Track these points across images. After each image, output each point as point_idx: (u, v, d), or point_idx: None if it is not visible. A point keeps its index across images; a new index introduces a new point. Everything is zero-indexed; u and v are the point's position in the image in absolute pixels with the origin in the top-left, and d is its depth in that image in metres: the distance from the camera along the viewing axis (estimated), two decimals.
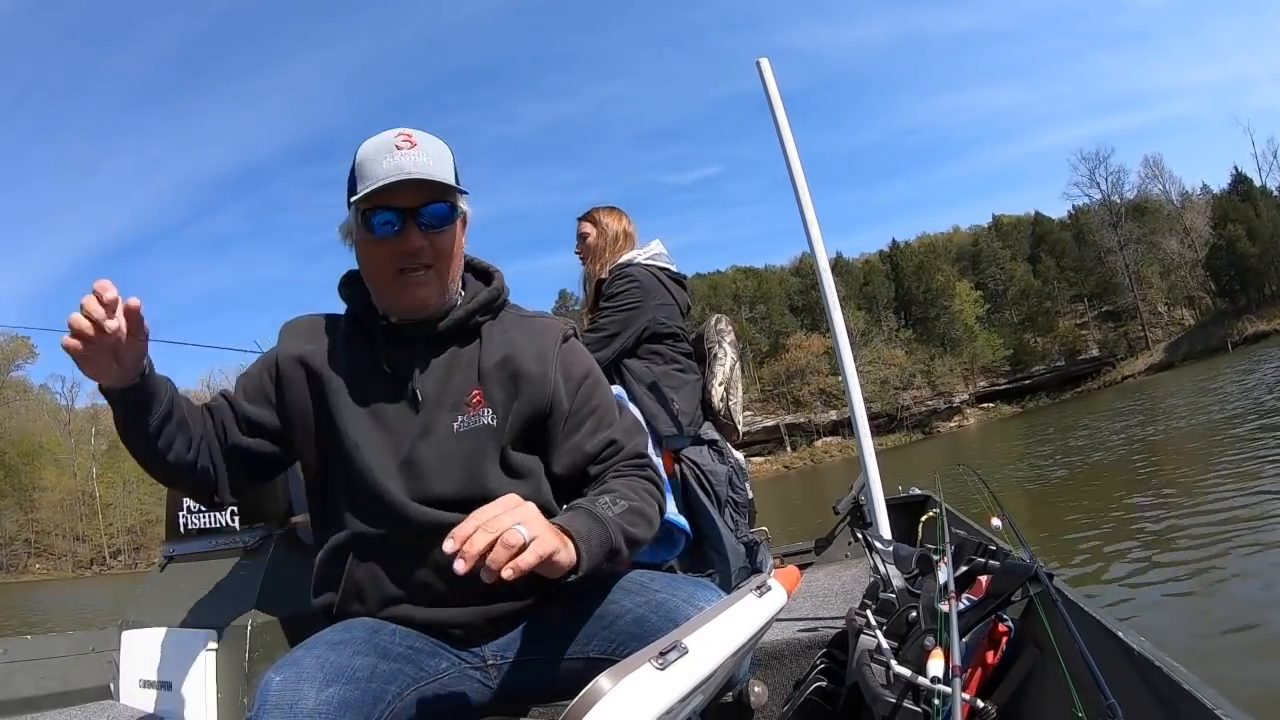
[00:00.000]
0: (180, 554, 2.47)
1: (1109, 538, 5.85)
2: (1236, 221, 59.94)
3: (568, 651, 1.23)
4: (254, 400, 1.33)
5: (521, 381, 1.32)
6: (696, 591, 1.23)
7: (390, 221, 1.24)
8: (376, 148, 1.24)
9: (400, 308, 1.31)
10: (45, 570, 57.96)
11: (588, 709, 0.78)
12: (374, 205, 1.23)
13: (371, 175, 1.22)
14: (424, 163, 1.23)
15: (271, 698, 0.99)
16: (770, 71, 2.93)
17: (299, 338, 1.36)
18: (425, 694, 1.14)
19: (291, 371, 1.32)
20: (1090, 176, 70.60)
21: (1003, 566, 1.51)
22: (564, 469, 1.34)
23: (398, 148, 1.23)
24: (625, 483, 1.28)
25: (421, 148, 1.25)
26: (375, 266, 1.29)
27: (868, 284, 74.22)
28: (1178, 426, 13.62)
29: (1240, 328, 55.26)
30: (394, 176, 1.20)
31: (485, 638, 1.26)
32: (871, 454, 2.70)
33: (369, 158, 1.24)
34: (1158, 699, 1.02)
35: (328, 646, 1.08)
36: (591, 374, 1.41)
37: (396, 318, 1.32)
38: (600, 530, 1.10)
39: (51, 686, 2.29)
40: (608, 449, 1.34)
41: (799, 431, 68.78)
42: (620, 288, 2.63)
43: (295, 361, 1.33)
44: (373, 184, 1.20)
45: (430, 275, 1.28)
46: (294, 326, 1.39)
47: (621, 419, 1.40)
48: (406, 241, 1.25)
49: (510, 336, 1.36)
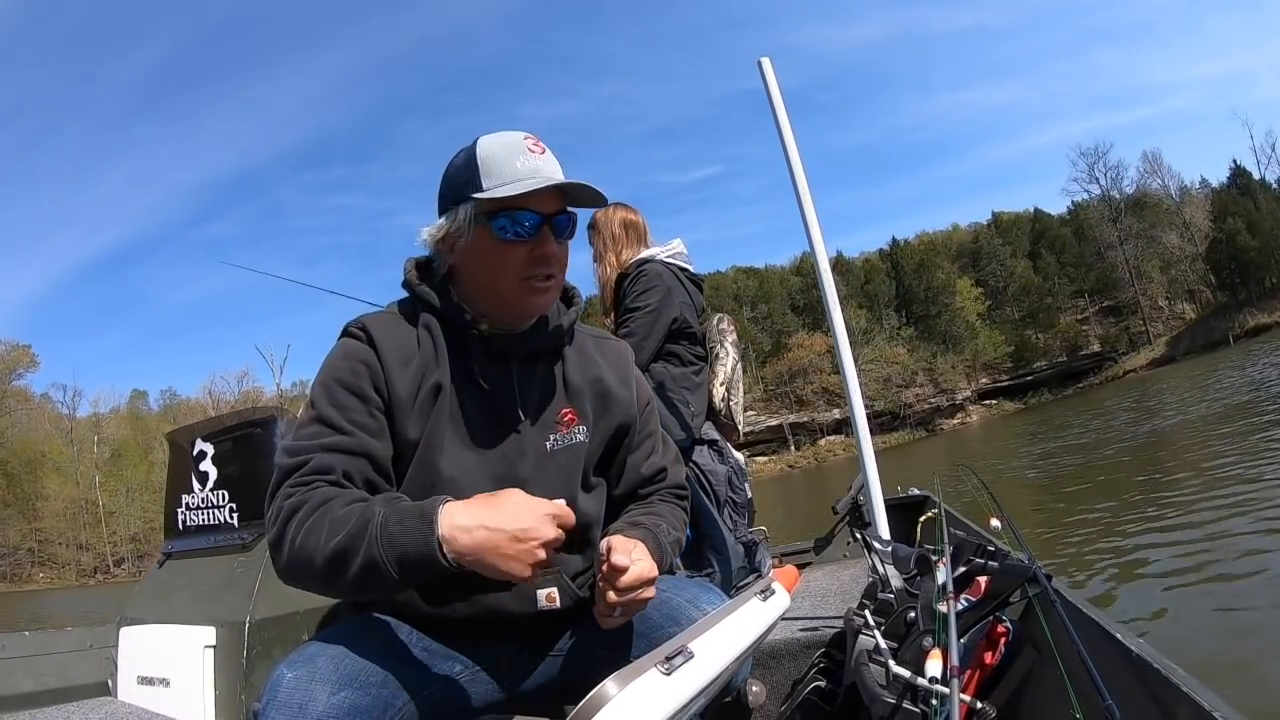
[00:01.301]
0: (179, 550, 2.47)
1: (1112, 537, 5.84)
2: (1236, 215, 59.83)
3: (575, 652, 1.25)
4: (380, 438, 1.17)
5: (611, 402, 1.33)
6: (700, 593, 1.26)
7: (528, 225, 1.19)
8: (505, 147, 1.20)
9: (517, 315, 1.25)
10: (49, 579, 57.79)
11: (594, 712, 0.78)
12: (510, 206, 1.18)
13: (508, 174, 1.18)
14: (556, 170, 1.22)
15: (282, 694, 0.97)
16: (772, 71, 2.92)
17: (394, 344, 1.21)
18: (437, 697, 1.13)
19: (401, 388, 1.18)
20: (1090, 172, 70.52)
21: (1001, 567, 1.50)
22: (621, 488, 1.38)
23: (530, 150, 1.20)
24: (670, 510, 1.36)
25: (549, 154, 1.23)
26: (498, 270, 1.21)
27: (869, 282, 74.13)
28: (1180, 420, 13.61)
29: (1241, 321, 55.19)
30: (536, 179, 1.17)
31: (503, 641, 1.25)
32: (870, 454, 2.69)
33: (498, 155, 1.19)
34: (1155, 700, 1.02)
35: (343, 648, 1.06)
36: (653, 399, 1.47)
37: (490, 326, 1.25)
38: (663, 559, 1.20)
39: (50, 682, 2.29)
40: (659, 474, 1.40)
41: (802, 431, 68.79)
42: (643, 285, 2.57)
43: (401, 376, 1.19)
44: (514, 183, 1.16)
45: (552, 284, 1.25)
46: (383, 330, 1.22)
47: (667, 448, 1.45)
48: (544, 246, 1.21)
49: (591, 355, 1.36)
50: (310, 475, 1.09)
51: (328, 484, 1.09)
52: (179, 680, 2.12)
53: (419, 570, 0.99)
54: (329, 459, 1.10)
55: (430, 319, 1.25)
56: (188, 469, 2.50)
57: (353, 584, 1.01)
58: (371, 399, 1.16)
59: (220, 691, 2.05)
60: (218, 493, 2.40)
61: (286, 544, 1.05)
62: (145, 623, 2.29)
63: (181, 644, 2.13)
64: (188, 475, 2.49)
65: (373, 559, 0.98)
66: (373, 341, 1.19)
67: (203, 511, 2.42)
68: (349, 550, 1.00)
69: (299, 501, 1.06)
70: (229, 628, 2.08)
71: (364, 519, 1.01)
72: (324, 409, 1.15)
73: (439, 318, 1.25)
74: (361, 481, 1.13)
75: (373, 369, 1.17)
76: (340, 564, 1.00)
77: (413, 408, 1.18)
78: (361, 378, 1.17)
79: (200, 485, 2.45)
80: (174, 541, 2.49)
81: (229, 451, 2.42)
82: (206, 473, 2.44)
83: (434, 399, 1.19)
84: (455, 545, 0.98)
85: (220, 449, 2.44)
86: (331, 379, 1.17)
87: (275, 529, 1.07)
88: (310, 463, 1.10)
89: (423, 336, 1.23)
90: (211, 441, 2.46)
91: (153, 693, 2.18)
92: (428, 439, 1.18)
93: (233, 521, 2.35)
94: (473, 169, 1.19)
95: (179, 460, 2.57)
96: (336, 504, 1.04)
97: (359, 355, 1.19)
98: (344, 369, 1.18)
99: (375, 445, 1.15)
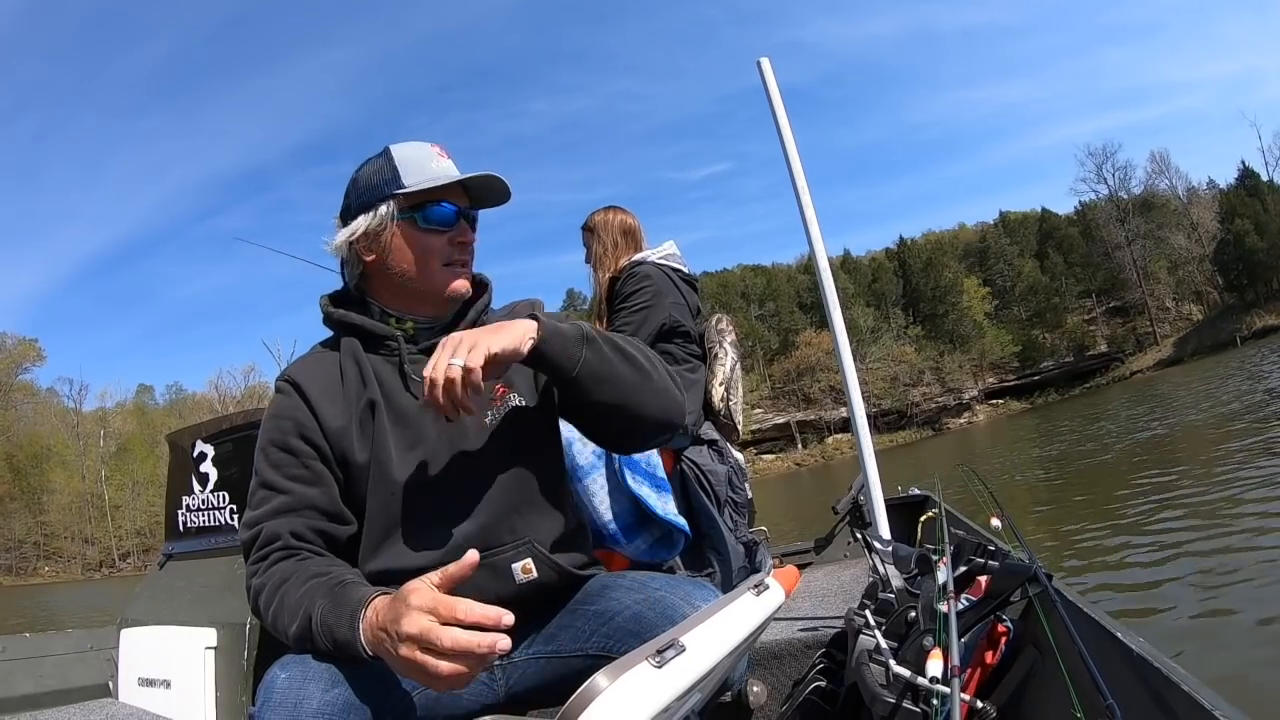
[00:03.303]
0: (179, 552, 2.47)
1: (1117, 536, 5.83)
2: (1244, 216, 59.69)
3: (568, 649, 1.24)
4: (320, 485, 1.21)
5: None
6: (694, 590, 1.25)
7: (449, 213, 1.30)
8: (417, 151, 1.32)
9: (440, 300, 1.34)
10: (54, 573, 58.11)
11: (584, 707, 0.78)
12: (431, 200, 1.29)
13: (426, 174, 1.29)
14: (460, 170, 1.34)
15: (276, 695, 0.99)
16: (771, 71, 2.92)
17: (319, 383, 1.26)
18: (432, 696, 1.13)
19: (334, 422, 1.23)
20: (1098, 172, 70.57)
21: (1002, 567, 1.49)
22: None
23: (439, 155, 1.32)
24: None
25: (452, 161, 1.34)
26: (422, 256, 1.31)
27: (876, 281, 74.26)
28: (1186, 422, 13.57)
29: (1249, 322, 55.08)
30: (452, 176, 1.30)
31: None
32: (870, 454, 2.69)
33: (414, 157, 1.31)
34: (1156, 700, 1.01)
35: None
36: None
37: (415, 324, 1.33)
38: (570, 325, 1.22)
39: (51, 684, 2.30)
40: None
41: (810, 429, 68.88)
42: (634, 286, 2.59)
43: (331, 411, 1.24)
44: (430, 179, 1.28)
45: (466, 270, 1.36)
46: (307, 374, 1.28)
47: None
48: (463, 234, 1.33)
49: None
50: (264, 548, 1.16)
51: (280, 553, 1.16)
52: (180, 682, 2.12)
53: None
54: (276, 525, 1.17)
55: (352, 342, 1.31)
56: (188, 470, 2.50)
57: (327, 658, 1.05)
58: (304, 451, 1.22)
59: (221, 693, 2.05)
60: (218, 494, 2.40)
61: (265, 622, 1.13)
62: (146, 624, 2.29)
63: (182, 645, 2.13)
64: (188, 477, 2.50)
65: (323, 650, 1.03)
66: (298, 388, 1.26)
67: (203, 513, 2.43)
68: (305, 638, 1.05)
69: (260, 584, 1.14)
70: (230, 629, 2.08)
71: (307, 614, 1.05)
72: (264, 473, 1.22)
73: (361, 335, 1.32)
74: (313, 534, 1.19)
75: (300, 420, 1.23)
76: (306, 645, 1.06)
77: (353, 433, 1.24)
78: (290, 434, 1.23)
79: (200, 487, 2.45)
80: (174, 543, 2.50)
81: (229, 453, 2.42)
82: (207, 474, 2.44)
83: (372, 416, 1.25)
84: (371, 647, 0.97)
85: (220, 450, 2.44)
86: (267, 443, 1.24)
87: (251, 602, 1.16)
88: (261, 534, 1.17)
89: (346, 363, 1.29)
90: (212, 443, 2.46)
91: (154, 694, 2.18)
92: (376, 455, 1.23)
93: (233, 523, 2.35)
94: (392, 169, 1.30)
95: (179, 462, 2.57)
96: (290, 588, 1.09)
97: (285, 411, 1.25)
98: (274, 430, 1.24)
99: (314, 495, 1.21)
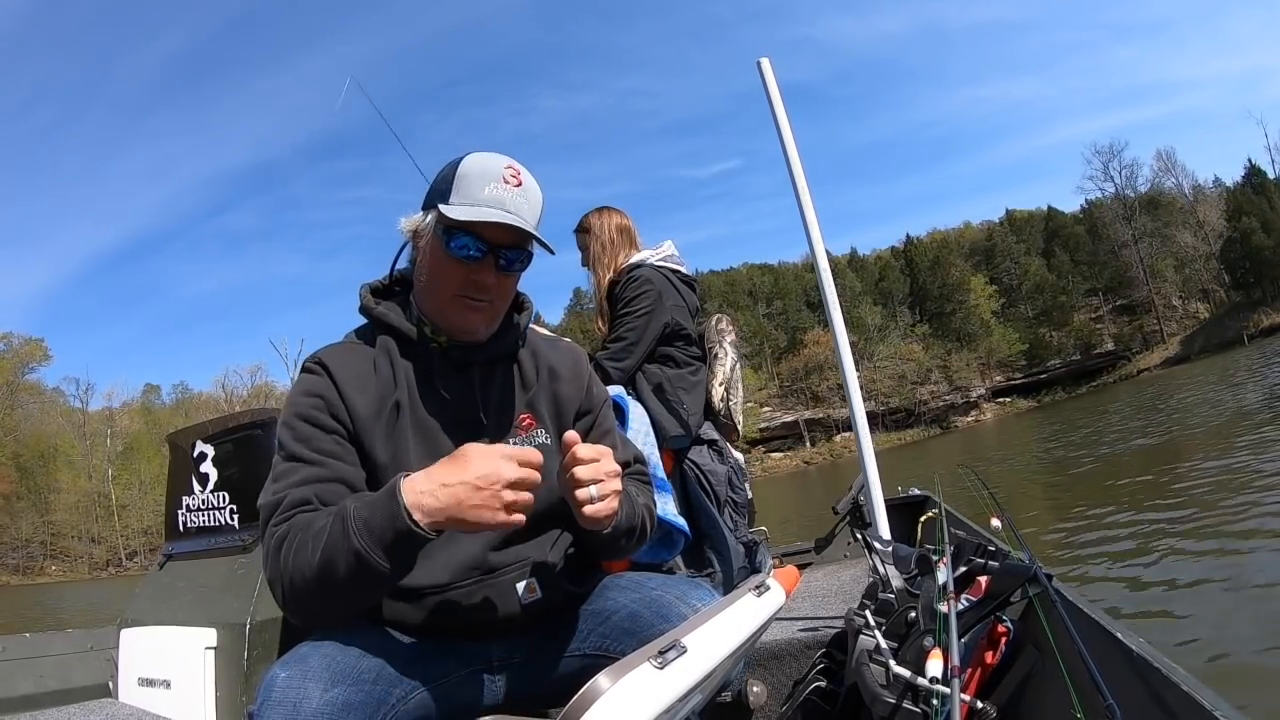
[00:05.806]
0: (179, 552, 2.48)
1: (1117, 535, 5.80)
2: (1250, 214, 59.56)
3: (566, 649, 1.25)
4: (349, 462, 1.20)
5: (564, 401, 1.37)
6: (690, 590, 1.26)
7: (472, 251, 1.22)
8: (483, 169, 1.23)
9: (448, 328, 1.28)
10: (61, 572, 58.25)
11: (586, 708, 0.78)
12: (461, 229, 1.21)
13: (470, 196, 1.21)
14: (522, 206, 1.23)
15: (275, 694, 0.99)
16: (771, 71, 2.92)
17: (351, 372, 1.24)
18: (430, 696, 1.13)
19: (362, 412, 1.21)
20: (1104, 170, 70.36)
21: (1002, 567, 1.50)
22: None
23: (505, 180, 1.22)
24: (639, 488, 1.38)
25: (525, 189, 1.24)
26: (438, 281, 1.26)
27: (883, 279, 74.20)
28: (1193, 420, 13.50)
29: (1255, 320, 54.89)
30: (494, 212, 1.20)
31: (493, 640, 1.25)
32: (870, 454, 2.69)
33: (472, 175, 1.22)
34: (1156, 700, 1.02)
35: (335, 645, 1.08)
36: (609, 399, 1.50)
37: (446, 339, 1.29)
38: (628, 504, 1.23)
39: (51, 684, 2.30)
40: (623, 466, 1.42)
41: (818, 427, 68.89)
42: (635, 291, 2.60)
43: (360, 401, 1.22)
44: (470, 207, 1.20)
45: (485, 307, 1.27)
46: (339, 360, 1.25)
47: (626, 448, 1.47)
48: (480, 274, 1.23)
49: (544, 357, 1.39)
50: (287, 510, 1.12)
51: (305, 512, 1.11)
52: (180, 682, 2.12)
53: (401, 548, 1.02)
54: (302, 491, 1.13)
55: (387, 340, 1.29)
56: (188, 471, 2.50)
57: (350, 585, 1.03)
58: (334, 428, 1.19)
59: (221, 693, 2.05)
60: (218, 494, 2.40)
61: (281, 571, 1.07)
62: (146, 624, 2.29)
63: (182, 645, 2.13)
64: (188, 477, 2.50)
65: (356, 551, 1.00)
66: (329, 373, 1.23)
67: (203, 513, 2.43)
68: (334, 553, 1.02)
69: (283, 533, 1.09)
70: (230, 629, 2.08)
71: (339, 519, 1.04)
72: (290, 446, 1.18)
73: (397, 336, 1.29)
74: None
75: (330, 400, 1.20)
76: (331, 569, 1.02)
77: (376, 430, 1.21)
78: (320, 410, 1.20)
79: (200, 487, 2.45)
80: (174, 543, 2.50)
81: (229, 453, 2.42)
82: (207, 474, 2.44)
83: (396, 418, 1.23)
84: (423, 510, 1.00)
85: (221, 450, 2.44)
86: (293, 416, 1.20)
87: (269, 565, 1.10)
88: (285, 499, 1.13)
89: (379, 359, 1.27)
90: (212, 443, 2.46)
91: (153, 694, 2.18)
92: (394, 457, 1.21)
93: (233, 523, 2.35)
94: (449, 181, 1.23)
95: (179, 462, 2.57)
96: (316, 520, 1.07)
97: (316, 389, 1.22)
98: (303, 404, 1.20)
99: (346, 470, 1.18)
